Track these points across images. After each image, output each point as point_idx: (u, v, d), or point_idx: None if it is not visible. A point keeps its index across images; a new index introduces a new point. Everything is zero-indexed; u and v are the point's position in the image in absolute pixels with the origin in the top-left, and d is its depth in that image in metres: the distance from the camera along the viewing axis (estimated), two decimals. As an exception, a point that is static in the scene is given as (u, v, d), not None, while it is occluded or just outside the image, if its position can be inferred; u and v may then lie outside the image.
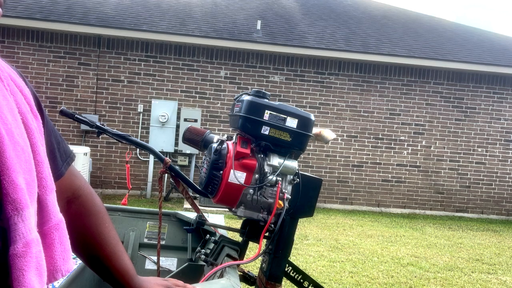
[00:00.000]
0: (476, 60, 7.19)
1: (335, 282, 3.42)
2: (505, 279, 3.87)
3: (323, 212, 6.43)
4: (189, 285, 0.86)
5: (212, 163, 1.26)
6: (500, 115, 7.35)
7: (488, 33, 9.23)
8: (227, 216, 4.71)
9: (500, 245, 5.23)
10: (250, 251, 1.72)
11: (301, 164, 6.60)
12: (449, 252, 4.67)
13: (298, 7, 8.94)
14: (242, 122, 1.26)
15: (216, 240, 1.39)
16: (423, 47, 7.48)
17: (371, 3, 10.12)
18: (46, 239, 0.58)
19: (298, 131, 1.27)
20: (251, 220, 1.31)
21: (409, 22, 8.97)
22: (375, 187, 7.18)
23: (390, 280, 3.59)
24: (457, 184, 7.31)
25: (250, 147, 1.28)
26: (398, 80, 7.14)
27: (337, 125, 7.03)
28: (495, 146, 7.36)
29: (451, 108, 7.26)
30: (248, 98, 1.28)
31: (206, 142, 1.40)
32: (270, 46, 6.76)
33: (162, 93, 6.77)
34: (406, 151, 7.21)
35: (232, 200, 1.27)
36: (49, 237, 0.59)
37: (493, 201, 7.41)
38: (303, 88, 6.99)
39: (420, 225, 6.17)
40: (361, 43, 7.29)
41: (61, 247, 0.60)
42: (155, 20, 6.96)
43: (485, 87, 7.31)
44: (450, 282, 3.67)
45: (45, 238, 0.58)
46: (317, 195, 1.39)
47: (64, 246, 0.60)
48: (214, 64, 6.83)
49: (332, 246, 4.48)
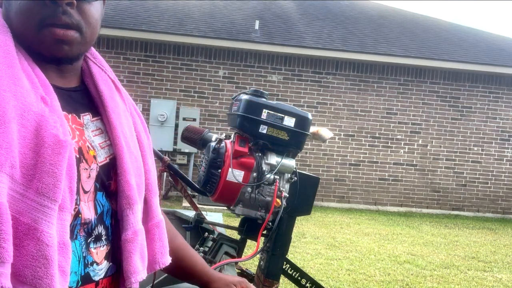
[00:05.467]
0: (472, 60, 7.23)
1: (332, 279, 3.45)
2: (501, 277, 3.91)
3: (321, 211, 6.46)
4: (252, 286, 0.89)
5: (211, 161, 1.28)
6: (496, 114, 7.39)
7: (484, 33, 9.27)
8: (225, 214, 4.73)
9: (496, 243, 5.27)
10: (248, 249, 1.74)
11: (298, 162, 6.62)
12: (445, 250, 4.70)
13: (295, 7, 8.96)
14: (240, 121, 1.28)
15: (215, 238, 1.41)
16: (420, 47, 7.52)
17: (368, 4, 10.15)
18: (149, 235, 0.70)
19: (295, 130, 1.29)
20: (249, 218, 1.33)
21: (406, 22, 9.00)
22: (372, 185, 7.21)
23: (387, 277, 3.62)
24: (453, 183, 7.36)
25: (248, 146, 1.29)
26: (395, 80, 7.18)
27: (334, 124, 7.05)
28: (491, 145, 7.41)
29: (447, 107, 7.30)
30: (246, 97, 1.30)
31: (204, 141, 1.42)
32: (268, 46, 6.78)
33: (161, 93, 6.78)
34: (402, 150, 7.25)
35: (230, 198, 1.29)
36: (152, 232, 0.70)
37: (489, 199, 7.46)
38: (300, 88, 7.01)
39: (417, 223, 6.21)
40: (358, 43, 7.32)
41: (160, 242, 0.71)
42: (154, 20, 6.96)
43: (481, 86, 7.35)
44: (446, 279, 3.70)
45: (148, 234, 0.70)
46: (314, 194, 1.41)
47: (162, 242, 0.72)
48: (212, 63, 6.85)
49: (330, 244, 4.51)
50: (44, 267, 0.51)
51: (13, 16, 0.60)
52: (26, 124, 0.53)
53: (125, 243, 0.64)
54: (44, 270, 0.51)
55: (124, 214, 0.64)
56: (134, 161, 0.67)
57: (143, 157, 0.70)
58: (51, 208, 0.52)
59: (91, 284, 0.62)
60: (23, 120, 0.52)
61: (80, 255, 0.60)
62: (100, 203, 0.63)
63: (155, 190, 0.72)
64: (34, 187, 0.52)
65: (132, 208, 0.64)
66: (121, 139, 0.65)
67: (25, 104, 0.53)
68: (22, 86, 0.54)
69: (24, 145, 0.52)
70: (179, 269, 0.84)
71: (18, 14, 0.59)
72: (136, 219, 0.65)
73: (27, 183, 0.52)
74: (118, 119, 0.67)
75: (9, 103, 0.52)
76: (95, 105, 0.67)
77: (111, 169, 0.65)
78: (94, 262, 0.62)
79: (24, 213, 0.51)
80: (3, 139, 0.50)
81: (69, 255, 0.55)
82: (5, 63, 0.54)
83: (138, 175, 0.67)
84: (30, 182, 0.52)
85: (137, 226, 0.65)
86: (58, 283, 0.52)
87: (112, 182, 0.65)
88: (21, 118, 0.52)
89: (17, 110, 0.52)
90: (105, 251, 0.64)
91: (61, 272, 0.53)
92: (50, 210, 0.52)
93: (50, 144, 0.53)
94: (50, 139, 0.53)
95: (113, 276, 0.65)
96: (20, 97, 0.53)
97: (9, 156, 0.50)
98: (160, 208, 0.74)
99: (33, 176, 0.52)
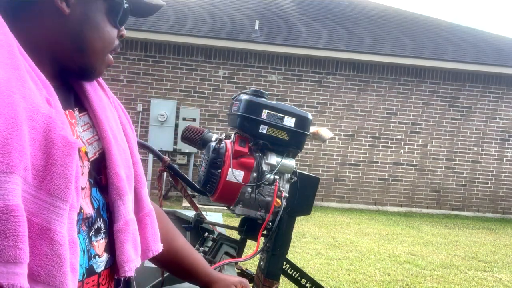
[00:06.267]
0: (472, 60, 7.23)
1: (332, 279, 3.45)
2: (501, 277, 3.91)
3: (321, 211, 6.46)
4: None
5: (211, 161, 1.28)
6: (496, 114, 7.40)
7: (484, 33, 9.27)
8: (225, 214, 4.73)
9: (496, 243, 5.27)
10: (248, 249, 1.74)
11: (298, 162, 6.62)
12: (445, 250, 4.70)
13: (295, 7, 8.96)
14: (240, 121, 1.28)
15: (215, 238, 1.41)
16: (420, 47, 7.52)
17: (368, 4, 10.15)
18: (141, 224, 0.72)
19: (295, 130, 1.29)
20: (249, 218, 1.33)
21: (406, 22, 9.01)
22: (372, 185, 7.21)
23: (386, 277, 3.62)
24: (453, 183, 7.36)
25: (248, 146, 1.30)
26: (395, 80, 7.18)
27: (334, 124, 7.06)
28: (490, 145, 7.41)
29: (447, 107, 7.30)
30: (246, 97, 1.30)
31: (204, 141, 1.42)
32: (268, 46, 6.78)
33: (161, 93, 6.78)
34: (402, 150, 7.25)
35: (230, 199, 1.29)
36: (143, 222, 0.73)
37: (488, 199, 7.46)
38: (300, 88, 7.02)
39: (417, 223, 6.21)
40: (358, 43, 7.32)
41: (152, 231, 0.74)
42: (153, 20, 6.96)
43: (481, 86, 7.35)
44: (446, 279, 3.70)
45: (140, 223, 0.72)
46: (314, 194, 1.41)
47: (154, 230, 0.74)
48: (212, 64, 6.85)
49: (330, 244, 4.51)
50: (57, 266, 0.52)
51: (84, 28, 0.62)
52: (36, 126, 0.53)
53: (117, 233, 0.65)
54: (57, 268, 0.52)
55: (115, 205, 0.66)
56: (122, 153, 0.68)
57: (130, 149, 0.72)
58: (62, 208, 0.53)
59: (94, 276, 0.64)
60: (33, 122, 0.53)
61: (84, 249, 0.62)
62: (95, 198, 0.65)
63: (144, 181, 0.73)
64: (45, 188, 0.53)
65: (123, 199, 0.66)
66: (108, 133, 0.66)
67: (34, 106, 0.54)
68: (29, 87, 0.54)
69: (34, 147, 0.53)
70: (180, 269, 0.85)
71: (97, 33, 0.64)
72: (127, 209, 0.67)
73: (38, 184, 0.53)
74: (104, 113, 0.68)
75: (20, 105, 0.52)
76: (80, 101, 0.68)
77: (101, 163, 0.66)
78: (96, 255, 0.64)
79: (36, 214, 0.52)
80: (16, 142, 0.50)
81: (78, 252, 0.56)
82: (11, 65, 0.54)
83: (127, 167, 0.68)
84: (41, 183, 0.53)
85: (128, 216, 0.67)
86: (70, 280, 0.54)
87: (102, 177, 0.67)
88: (31, 120, 0.53)
89: (27, 112, 0.53)
90: (104, 243, 0.66)
91: (72, 269, 0.55)
92: (61, 210, 0.53)
93: (60, 146, 0.54)
94: (60, 140, 0.54)
95: (111, 267, 0.68)
96: (29, 98, 0.54)
97: (22, 158, 0.51)
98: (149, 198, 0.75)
99: (44, 177, 0.53)
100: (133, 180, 0.70)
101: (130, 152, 0.71)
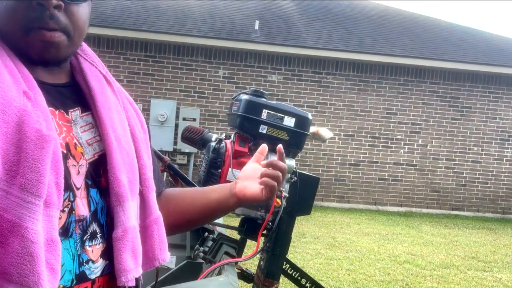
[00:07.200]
0: (472, 60, 7.23)
1: (332, 279, 3.45)
2: (501, 277, 3.91)
3: (320, 211, 6.46)
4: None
5: (211, 161, 1.28)
6: (496, 114, 7.40)
7: (484, 33, 9.27)
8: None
9: (496, 243, 5.27)
10: (248, 248, 1.74)
11: (298, 162, 6.61)
12: (445, 250, 4.70)
13: (295, 7, 8.96)
14: (240, 121, 1.28)
15: (215, 238, 1.41)
16: (420, 47, 7.52)
17: (368, 4, 10.15)
18: (148, 231, 0.69)
19: (295, 130, 1.29)
20: (249, 218, 1.33)
21: (406, 22, 9.01)
22: (372, 185, 7.21)
23: (386, 277, 3.62)
24: (453, 183, 7.36)
25: (248, 146, 1.30)
26: (395, 80, 7.18)
27: (334, 124, 7.06)
28: (490, 145, 7.41)
29: (447, 107, 7.30)
30: (246, 97, 1.30)
31: (204, 140, 1.42)
32: (268, 46, 6.78)
33: (161, 93, 6.78)
34: (402, 150, 7.25)
35: (230, 198, 1.29)
36: (150, 229, 0.69)
37: (488, 199, 7.46)
38: (300, 88, 7.02)
39: (417, 223, 6.21)
40: (358, 43, 7.32)
41: (159, 238, 0.70)
42: (154, 20, 6.96)
43: (480, 86, 7.35)
44: (446, 279, 3.70)
45: (147, 230, 0.69)
46: (314, 194, 1.41)
47: (161, 238, 0.70)
48: (212, 64, 6.85)
49: (329, 244, 4.51)
50: (29, 264, 0.50)
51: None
52: (7, 119, 0.52)
53: (115, 241, 0.63)
54: (30, 267, 0.50)
55: (114, 211, 0.63)
56: (126, 156, 0.65)
57: (138, 152, 0.68)
58: (35, 204, 0.51)
59: (87, 283, 0.61)
60: (4, 115, 0.52)
61: (74, 254, 0.59)
62: (94, 200, 0.63)
63: (152, 185, 0.70)
64: (17, 183, 0.51)
65: (122, 206, 0.63)
66: (110, 134, 0.64)
67: (6, 99, 0.52)
68: (3, 81, 0.53)
69: (6, 140, 0.51)
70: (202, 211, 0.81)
71: (3, 15, 0.58)
72: (126, 216, 0.63)
73: (10, 179, 0.51)
74: (108, 114, 0.65)
75: None
76: (85, 101, 0.66)
77: (100, 165, 0.64)
78: (89, 260, 0.61)
79: (8, 210, 0.50)
80: None
81: (58, 252, 0.53)
82: None
83: (130, 171, 0.65)
84: (14, 178, 0.51)
85: (127, 223, 0.63)
86: (47, 281, 0.51)
87: (102, 179, 0.64)
88: (2, 113, 0.51)
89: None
90: (101, 249, 0.63)
91: (50, 269, 0.52)
92: (34, 206, 0.51)
93: (32, 139, 0.52)
94: (33, 133, 0.52)
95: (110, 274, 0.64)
96: (1, 92, 0.52)
97: None
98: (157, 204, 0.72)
99: (17, 172, 0.51)
100: (137, 185, 0.66)
101: (137, 156, 0.68)
